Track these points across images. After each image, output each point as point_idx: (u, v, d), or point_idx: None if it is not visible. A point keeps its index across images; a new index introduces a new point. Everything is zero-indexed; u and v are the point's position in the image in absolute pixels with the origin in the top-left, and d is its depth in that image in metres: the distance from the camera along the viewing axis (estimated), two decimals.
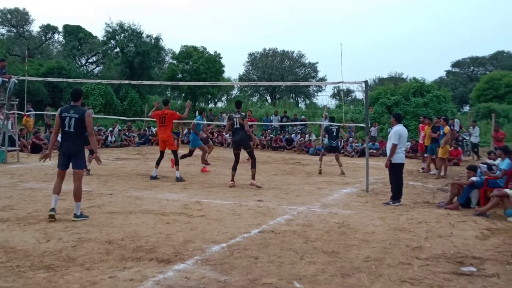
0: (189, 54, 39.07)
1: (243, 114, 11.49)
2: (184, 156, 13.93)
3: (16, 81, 15.26)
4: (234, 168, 11.32)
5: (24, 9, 48.41)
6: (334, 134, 14.86)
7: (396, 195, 9.43)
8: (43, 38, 50.91)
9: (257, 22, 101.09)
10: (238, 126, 11.24)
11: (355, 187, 11.70)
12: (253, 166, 11.21)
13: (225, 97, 49.06)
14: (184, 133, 23.23)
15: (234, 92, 51.75)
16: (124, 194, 9.62)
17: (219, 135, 25.42)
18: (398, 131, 9.50)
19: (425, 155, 15.87)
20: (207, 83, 27.38)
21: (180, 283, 4.61)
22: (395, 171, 9.50)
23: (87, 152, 8.19)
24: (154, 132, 23.27)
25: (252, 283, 4.69)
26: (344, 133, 16.48)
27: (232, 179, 11.20)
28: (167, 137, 12.22)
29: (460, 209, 8.94)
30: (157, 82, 28.06)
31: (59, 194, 7.38)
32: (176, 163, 12.19)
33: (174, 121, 12.80)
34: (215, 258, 5.43)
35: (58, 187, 7.31)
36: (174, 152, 12.27)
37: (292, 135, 24.74)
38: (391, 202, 9.34)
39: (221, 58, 41.12)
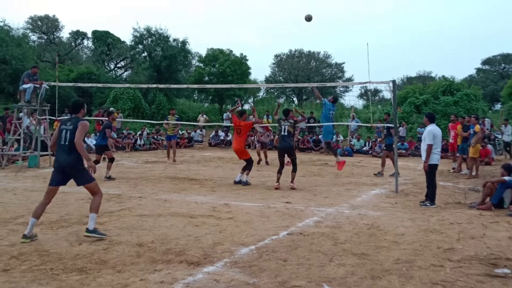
0: (216, 57, 39.27)
1: (292, 122, 11.56)
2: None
3: (47, 87, 15.63)
4: (279, 171, 11.39)
5: (54, 16, 49.41)
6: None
7: (433, 196, 9.27)
8: (72, 44, 51.88)
9: (282, 24, 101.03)
10: (285, 133, 11.35)
11: (384, 188, 11.57)
12: (294, 170, 11.29)
13: (252, 99, 49.06)
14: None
15: (261, 94, 51.74)
16: (153, 197, 9.73)
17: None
18: (432, 131, 9.25)
19: (457, 154, 15.58)
20: (233, 86, 27.47)
21: (210, 286, 4.64)
22: (430, 172, 9.33)
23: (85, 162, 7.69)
24: (181, 135, 23.47)
25: (281, 285, 4.68)
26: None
27: (278, 181, 11.26)
28: (240, 148, 12.13)
29: (493, 209, 8.74)
30: (184, 86, 28.30)
31: (39, 218, 6.46)
32: (248, 168, 11.98)
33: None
34: (244, 260, 5.44)
35: (41, 210, 6.40)
36: (249, 161, 12.05)
37: (320, 136, 24.62)
38: (428, 204, 9.18)
39: (247, 60, 41.21)
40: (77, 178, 6.50)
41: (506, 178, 9.06)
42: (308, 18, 13.06)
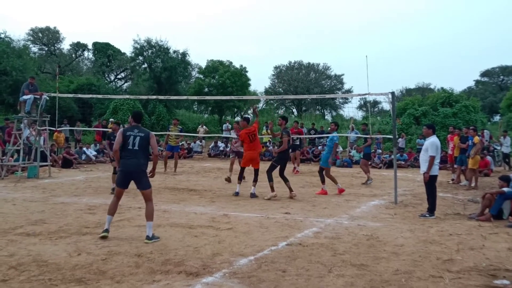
0: (215, 68, 39.49)
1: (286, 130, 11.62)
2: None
3: (48, 98, 15.68)
4: (285, 180, 11.49)
5: (55, 27, 49.83)
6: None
7: (433, 207, 9.27)
8: (73, 55, 52.18)
9: (282, 36, 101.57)
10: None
11: (384, 199, 11.57)
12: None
13: (251, 110, 49.23)
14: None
15: (260, 105, 51.92)
16: None
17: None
18: (435, 142, 9.22)
19: (455, 166, 15.59)
20: (233, 97, 27.61)
21: None
22: (431, 183, 9.33)
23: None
24: (181, 145, 23.46)
25: None
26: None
27: (291, 190, 11.43)
28: (258, 155, 11.93)
29: (492, 220, 8.72)
30: (184, 97, 28.41)
31: (114, 214, 7.24)
32: (255, 180, 11.75)
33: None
34: (243, 271, 5.43)
35: (114, 208, 7.17)
36: (257, 171, 11.76)
37: (319, 147, 24.64)
38: (427, 215, 9.17)
39: (247, 71, 41.45)
40: (141, 182, 7.09)
41: (505, 189, 9.07)
42: None
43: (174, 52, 37.28)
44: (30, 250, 6.21)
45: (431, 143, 9.24)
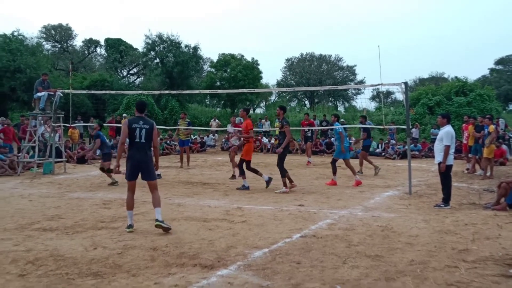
0: (227, 62, 39.45)
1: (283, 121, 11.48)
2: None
3: (61, 95, 15.81)
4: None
5: (67, 24, 50.06)
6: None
7: (448, 197, 9.20)
8: (86, 52, 52.44)
9: (293, 27, 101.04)
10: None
11: (398, 189, 11.51)
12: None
13: (264, 103, 49.18)
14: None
15: (273, 98, 51.87)
16: (167, 201, 9.78)
17: (256, 141, 25.47)
18: (450, 132, 9.16)
19: (469, 155, 15.45)
20: (245, 90, 27.50)
21: None
22: (446, 173, 9.26)
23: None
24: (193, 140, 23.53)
25: None
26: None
27: (291, 181, 11.30)
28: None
29: (508, 209, 8.64)
30: (196, 91, 28.39)
31: (133, 208, 7.39)
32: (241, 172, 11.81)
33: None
34: (257, 263, 5.45)
35: (132, 201, 7.31)
36: (242, 161, 11.74)
37: (332, 139, 24.54)
38: (442, 205, 9.12)
39: (258, 64, 41.35)
40: (148, 173, 7.24)
41: None
42: None
43: (186, 46, 37.32)
44: (47, 245, 6.29)
45: (446, 133, 9.17)
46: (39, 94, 15.34)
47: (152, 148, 7.39)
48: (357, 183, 12.31)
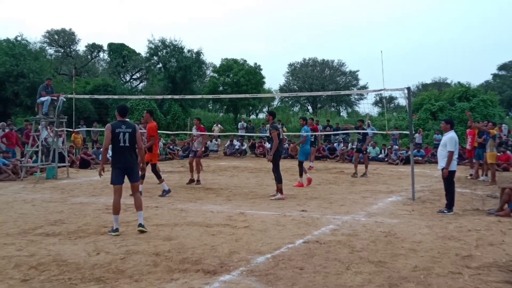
0: (230, 67, 39.52)
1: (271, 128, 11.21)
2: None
3: (65, 99, 15.85)
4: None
5: (70, 29, 50.24)
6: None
7: (451, 203, 9.18)
8: (89, 56, 52.62)
9: (295, 33, 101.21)
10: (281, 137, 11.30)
11: (401, 195, 11.49)
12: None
13: (266, 108, 49.20)
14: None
15: (275, 103, 51.91)
16: (170, 206, 9.78)
17: (260, 146, 25.49)
18: (454, 137, 9.15)
19: (473, 160, 15.42)
20: (248, 95, 27.46)
21: None
22: (449, 178, 9.24)
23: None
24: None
25: None
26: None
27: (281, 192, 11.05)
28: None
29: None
30: (199, 96, 28.51)
31: (119, 212, 7.46)
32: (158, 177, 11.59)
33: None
34: (260, 269, 5.44)
35: (119, 205, 7.40)
36: (154, 165, 11.58)
37: (335, 144, 24.55)
38: (445, 211, 9.09)
39: (261, 69, 41.43)
40: (133, 175, 7.45)
41: None
42: None
43: (189, 51, 37.39)
44: (50, 250, 6.29)
45: (450, 138, 9.15)
46: (42, 99, 15.37)
47: (137, 151, 7.57)
48: (299, 185, 12.91)
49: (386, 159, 22.32)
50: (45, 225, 7.94)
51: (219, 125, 29.79)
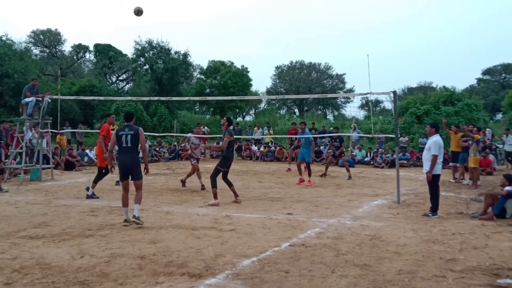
0: (217, 69, 39.54)
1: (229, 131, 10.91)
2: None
3: (50, 100, 15.69)
4: (230, 184, 10.90)
5: (56, 29, 49.90)
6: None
7: (436, 207, 9.26)
8: (74, 57, 52.27)
9: (283, 35, 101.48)
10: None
11: (386, 198, 11.56)
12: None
13: (253, 110, 49.28)
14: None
15: (262, 105, 51.96)
16: (155, 209, 9.74)
17: (246, 149, 25.49)
18: (438, 141, 9.23)
19: (457, 164, 15.55)
20: (234, 97, 27.64)
21: None
22: (434, 182, 9.33)
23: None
24: (183, 147, 23.47)
25: None
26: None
27: (236, 195, 10.85)
28: (98, 152, 11.93)
29: (495, 219, 8.71)
30: (186, 98, 28.40)
31: (128, 205, 8.15)
32: (95, 181, 11.58)
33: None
34: (245, 272, 5.43)
35: (127, 199, 8.14)
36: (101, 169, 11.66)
37: (321, 147, 24.61)
38: (430, 214, 9.16)
39: (248, 72, 41.52)
40: (134, 174, 8.08)
41: (509, 188, 9.01)
42: (137, 12, 12.52)
43: (176, 53, 37.30)
44: (33, 253, 6.22)
45: (434, 142, 9.24)
46: (27, 99, 15.21)
47: (141, 151, 8.28)
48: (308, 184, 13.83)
49: (372, 162, 22.43)
50: (29, 227, 7.86)
51: (205, 127, 29.71)
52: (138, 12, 12.51)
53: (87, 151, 20.81)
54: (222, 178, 10.86)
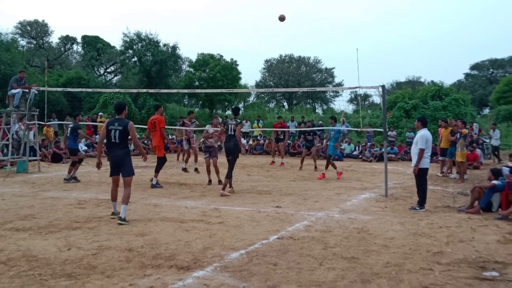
0: (206, 62, 39.30)
1: (238, 120, 11.34)
2: None
3: (36, 92, 15.53)
4: (227, 176, 10.90)
5: (43, 20, 49.20)
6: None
7: (423, 200, 9.32)
8: (62, 49, 51.65)
9: (272, 29, 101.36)
10: (232, 133, 11.10)
11: (374, 192, 11.62)
12: (227, 175, 10.86)
13: (242, 104, 49.13)
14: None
15: (251, 99, 51.85)
16: (144, 201, 9.70)
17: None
18: (425, 135, 9.30)
19: (446, 159, 15.66)
20: (223, 90, 27.46)
21: None
22: (421, 176, 9.38)
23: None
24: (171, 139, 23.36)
25: None
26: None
27: (224, 188, 10.83)
28: (158, 143, 12.48)
29: (482, 213, 8.79)
30: (175, 90, 28.26)
31: (116, 199, 8.18)
32: (156, 170, 12.24)
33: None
34: (234, 265, 5.43)
35: (115, 193, 8.18)
36: (159, 160, 12.35)
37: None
38: (417, 208, 9.22)
39: (237, 65, 41.31)
40: (124, 169, 7.90)
41: (495, 182, 9.11)
42: (281, 18, 13.49)
43: (164, 45, 37.06)
44: (20, 245, 6.17)
45: (421, 136, 9.29)
46: (13, 91, 15.05)
47: (132, 145, 8.02)
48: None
49: (360, 156, 22.54)
50: (15, 219, 7.79)
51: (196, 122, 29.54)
52: (282, 19, 13.52)
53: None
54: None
